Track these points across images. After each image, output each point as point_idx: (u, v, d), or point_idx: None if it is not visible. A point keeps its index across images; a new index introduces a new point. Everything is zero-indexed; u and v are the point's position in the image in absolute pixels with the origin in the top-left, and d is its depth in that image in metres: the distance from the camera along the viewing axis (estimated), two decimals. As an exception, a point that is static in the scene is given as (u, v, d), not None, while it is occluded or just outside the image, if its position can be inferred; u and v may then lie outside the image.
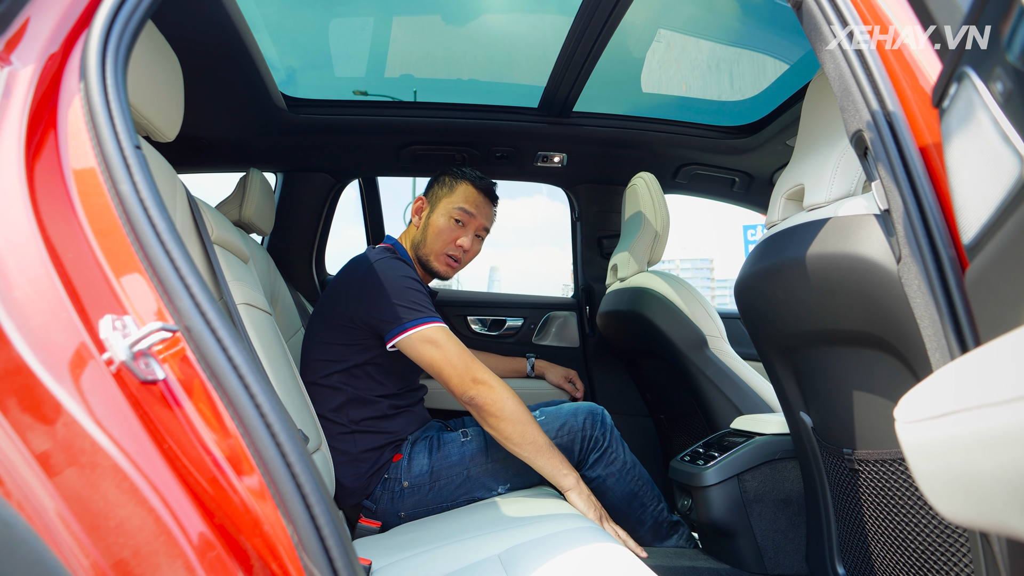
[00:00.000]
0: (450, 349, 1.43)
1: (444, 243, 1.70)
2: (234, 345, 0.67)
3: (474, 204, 1.73)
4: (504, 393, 1.41)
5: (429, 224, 1.71)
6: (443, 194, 1.73)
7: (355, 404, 1.53)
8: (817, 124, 1.14)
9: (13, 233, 0.68)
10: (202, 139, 2.08)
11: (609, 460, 1.57)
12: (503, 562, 1.03)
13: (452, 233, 1.70)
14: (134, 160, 0.73)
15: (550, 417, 1.57)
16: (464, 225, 1.72)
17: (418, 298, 1.48)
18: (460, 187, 1.73)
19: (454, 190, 1.73)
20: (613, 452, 1.58)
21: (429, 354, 1.43)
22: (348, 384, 1.54)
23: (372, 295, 1.49)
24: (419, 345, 1.44)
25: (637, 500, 1.57)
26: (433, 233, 1.70)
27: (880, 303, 0.87)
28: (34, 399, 0.61)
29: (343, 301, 1.54)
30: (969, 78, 0.56)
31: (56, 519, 0.57)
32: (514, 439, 1.39)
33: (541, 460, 1.40)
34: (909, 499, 0.99)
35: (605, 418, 1.61)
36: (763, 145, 2.32)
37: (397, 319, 1.45)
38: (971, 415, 0.41)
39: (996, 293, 0.58)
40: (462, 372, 1.41)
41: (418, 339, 1.44)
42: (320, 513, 0.63)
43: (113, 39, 0.78)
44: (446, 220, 1.70)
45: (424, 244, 1.71)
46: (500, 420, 1.39)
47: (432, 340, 1.43)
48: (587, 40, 1.74)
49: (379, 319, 1.47)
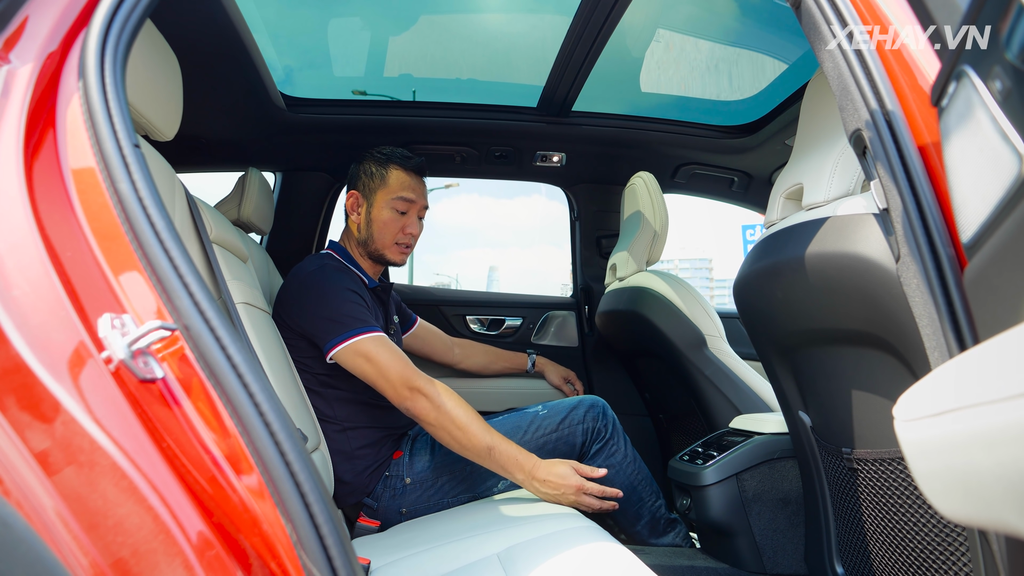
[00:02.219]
0: (383, 360, 1.38)
1: (393, 234, 1.66)
2: (233, 344, 0.67)
3: (411, 189, 1.67)
4: (439, 399, 1.36)
5: (372, 220, 1.66)
6: (376, 186, 1.67)
7: (339, 403, 1.52)
8: (816, 123, 1.14)
9: (12, 232, 0.68)
10: (201, 138, 2.08)
11: (610, 452, 1.57)
12: (502, 561, 1.03)
13: (398, 223, 1.66)
14: (133, 159, 0.73)
15: (552, 410, 1.57)
16: (407, 212, 1.67)
17: (351, 309, 1.44)
18: (392, 174, 1.66)
19: (386, 180, 1.66)
20: (615, 444, 1.58)
21: (362, 367, 1.39)
22: (324, 387, 1.52)
23: (306, 309, 1.46)
24: (351, 358, 1.40)
25: (636, 494, 1.57)
26: (379, 228, 1.65)
27: (879, 302, 0.88)
28: (33, 398, 0.61)
29: (285, 313, 1.51)
30: (968, 77, 0.56)
31: (55, 518, 0.57)
32: (453, 446, 1.36)
33: (488, 463, 1.36)
34: (908, 498, 0.99)
35: (607, 410, 1.61)
36: (762, 145, 2.32)
37: (328, 333, 1.41)
38: (970, 413, 0.41)
39: (995, 291, 0.58)
40: (396, 383, 1.37)
41: (349, 352, 1.40)
42: (319, 512, 0.63)
43: (112, 38, 0.78)
44: (389, 212, 1.65)
45: (373, 240, 1.66)
46: (437, 428, 1.35)
47: (362, 352, 1.39)
48: (586, 40, 1.74)
49: (314, 333, 1.45)
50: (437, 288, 2.73)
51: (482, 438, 1.36)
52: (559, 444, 1.55)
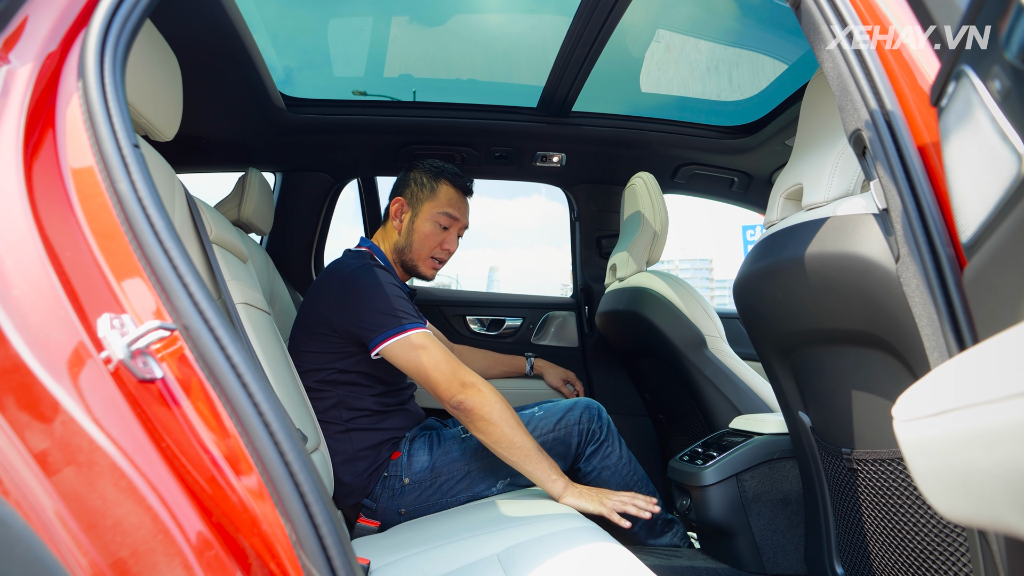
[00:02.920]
0: (436, 354, 1.41)
1: (431, 248, 1.70)
2: (232, 344, 0.67)
3: (457, 207, 1.72)
4: (492, 396, 1.39)
5: (414, 229, 1.69)
6: (424, 196, 1.70)
7: (344, 406, 1.53)
8: (816, 124, 1.14)
9: (11, 232, 0.68)
10: (201, 138, 2.08)
11: (605, 454, 1.57)
12: (502, 562, 1.03)
13: (438, 237, 1.70)
14: (132, 159, 0.73)
15: (548, 412, 1.58)
16: (449, 228, 1.72)
17: (401, 304, 1.46)
18: (441, 189, 1.71)
19: (436, 193, 1.70)
20: (609, 446, 1.58)
21: (415, 360, 1.41)
22: (334, 389, 1.53)
23: (353, 303, 1.47)
24: (404, 352, 1.42)
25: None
26: (419, 239, 1.69)
27: (879, 302, 0.88)
28: (32, 398, 0.61)
29: (322, 309, 1.52)
30: (967, 76, 0.56)
31: (54, 518, 0.57)
32: (502, 443, 1.37)
33: (529, 466, 1.38)
34: (908, 498, 0.99)
35: (602, 412, 1.61)
36: (762, 145, 2.32)
37: (380, 327, 1.43)
38: (969, 412, 0.41)
39: (994, 291, 0.58)
40: (449, 376, 1.39)
41: (402, 346, 1.42)
42: (318, 512, 0.63)
43: (111, 38, 0.78)
44: (432, 226, 1.68)
45: (410, 249, 1.70)
46: (488, 423, 1.37)
47: (417, 346, 1.41)
48: (586, 40, 1.74)
49: (361, 327, 1.45)
50: (437, 288, 2.72)
51: (529, 439, 1.40)
52: (555, 445, 1.55)
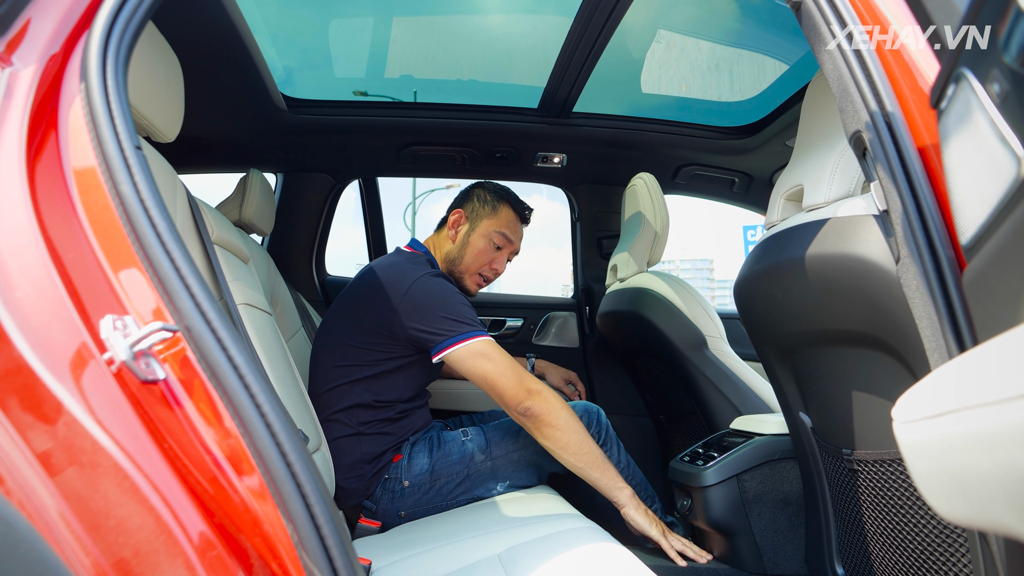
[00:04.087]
0: (502, 361, 1.43)
1: (480, 265, 1.72)
2: (234, 345, 0.67)
3: (514, 231, 1.75)
4: (559, 403, 1.40)
5: (468, 243, 1.72)
6: (485, 214, 1.74)
7: (365, 408, 1.53)
8: (816, 125, 1.14)
9: (14, 233, 0.68)
10: (202, 139, 2.08)
11: None
12: (503, 562, 1.03)
13: (490, 255, 1.73)
14: (135, 160, 0.73)
15: None
16: (501, 249, 1.74)
17: (467, 313, 1.49)
18: (503, 210, 1.74)
19: (497, 212, 1.74)
20: (608, 450, 1.58)
21: (481, 367, 1.42)
22: (365, 387, 1.53)
23: (419, 308, 1.48)
24: (469, 359, 1.43)
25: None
26: (472, 253, 1.71)
27: (879, 303, 0.88)
28: (35, 398, 0.61)
29: (382, 309, 1.52)
30: (966, 79, 0.57)
31: (57, 518, 0.57)
32: (570, 448, 1.38)
33: (596, 472, 1.38)
34: (908, 499, 0.99)
35: (601, 416, 1.62)
36: (762, 146, 2.32)
37: (446, 332, 1.45)
38: (969, 414, 0.41)
39: (993, 293, 0.59)
40: (516, 384, 1.40)
41: (468, 353, 1.43)
42: (320, 513, 0.63)
43: (114, 40, 0.78)
44: (486, 243, 1.71)
45: (461, 262, 1.72)
46: (556, 430, 1.38)
47: (483, 353, 1.43)
48: (587, 41, 1.74)
49: (426, 332, 1.47)
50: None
51: (596, 446, 1.41)
52: None
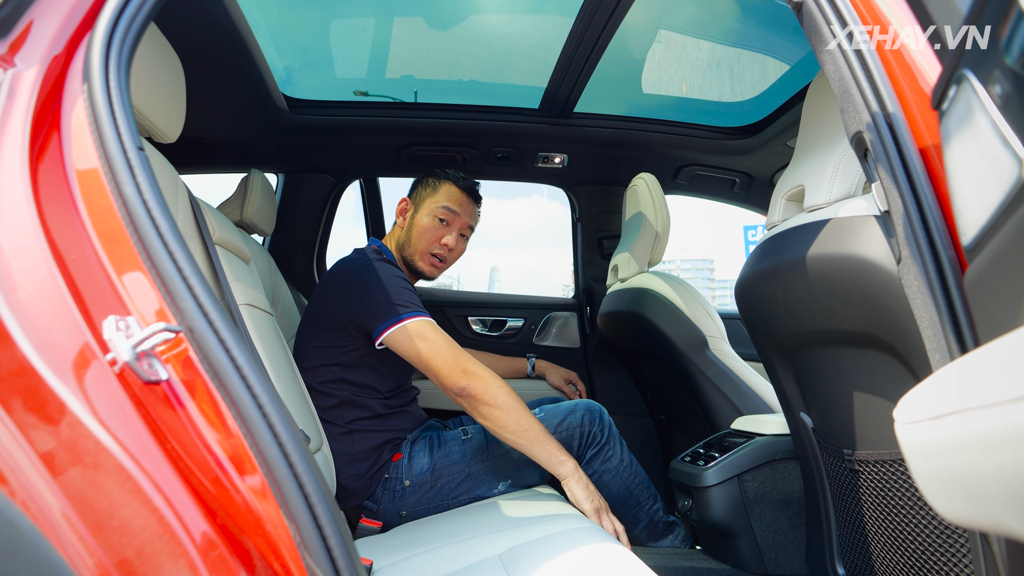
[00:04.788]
0: (438, 341, 1.42)
1: (429, 242, 1.71)
2: (236, 345, 0.67)
3: (458, 203, 1.74)
4: (495, 381, 1.40)
5: (413, 224, 1.73)
6: (427, 194, 1.75)
7: (348, 406, 1.53)
8: (817, 125, 1.14)
9: (17, 235, 0.69)
10: (204, 140, 2.08)
11: (606, 457, 1.57)
12: (504, 562, 1.03)
13: (437, 232, 1.72)
14: (137, 161, 0.74)
15: (549, 414, 1.58)
16: (448, 224, 1.73)
17: (405, 295, 1.48)
18: (443, 187, 1.75)
19: (437, 190, 1.74)
20: (610, 449, 1.58)
21: (417, 348, 1.42)
22: (339, 388, 1.54)
23: (360, 294, 1.49)
24: (407, 339, 1.43)
25: (632, 498, 1.57)
26: (418, 232, 1.71)
27: (880, 304, 0.88)
28: (38, 399, 0.61)
29: (330, 302, 1.55)
30: (968, 81, 0.57)
31: (60, 518, 0.58)
32: (509, 427, 1.37)
33: (537, 448, 1.38)
34: (909, 500, 0.99)
35: (603, 415, 1.61)
36: (764, 146, 2.32)
37: (384, 315, 1.45)
38: (970, 416, 0.41)
39: (995, 294, 0.59)
40: (452, 363, 1.40)
41: (405, 333, 1.43)
42: (322, 513, 0.63)
43: (116, 41, 0.79)
44: (430, 219, 1.71)
45: (409, 244, 1.73)
46: (493, 408, 1.37)
47: (420, 334, 1.43)
48: (588, 41, 1.74)
49: (367, 317, 1.47)
50: (439, 289, 2.72)
51: (536, 421, 1.40)
52: None
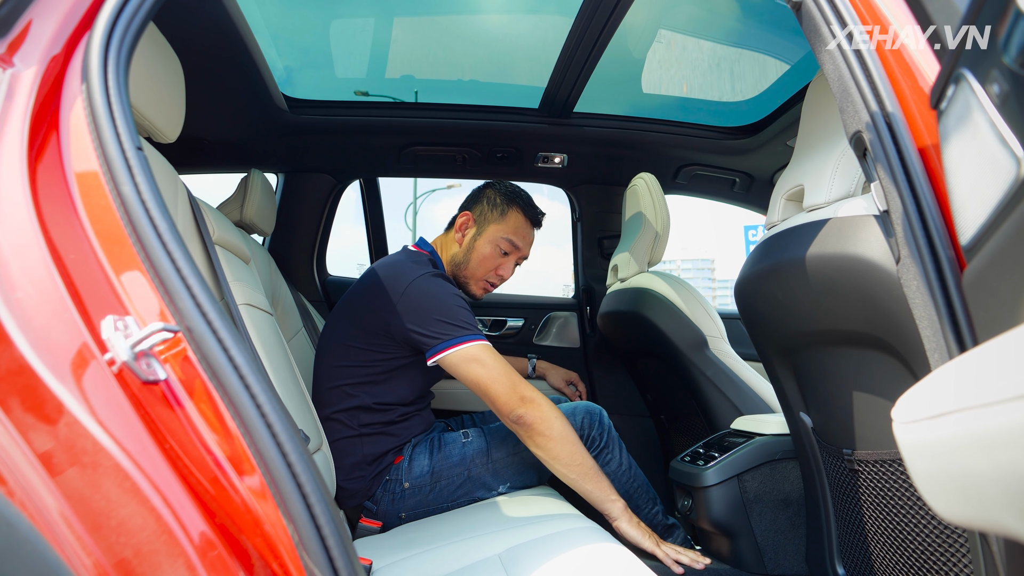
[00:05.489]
0: (495, 367, 1.39)
1: (486, 271, 1.68)
2: (235, 345, 0.67)
3: (523, 236, 1.70)
4: (552, 412, 1.37)
5: (474, 248, 1.68)
6: (493, 218, 1.69)
7: (365, 411, 1.52)
8: (817, 125, 1.14)
9: (16, 234, 0.69)
10: (203, 140, 2.08)
11: (605, 460, 1.56)
12: (503, 562, 1.03)
13: (496, 262, 1.68)
14: (136, 161, 0.74)
15: None
16: (508, 255, 1.70)
17: (464, 316, 1.45)
18: (512, 214, 1.69)
19: (505, 216, 1.69)
20: (610, 453, 1.57)
21: (475, 372, 1.40)
22: (365, 391, 1.52)
23: (417, 309, 1.46)
24: (463, 363, 1.41)
25: (632, 502, 1.56)
26: (478, 259, 1.67)
27: (879, 304, 0.88)
28: (36, 399, 0.61)
29: (380, 309, 1.50)
30: (966, 80, 0.57)
31: (58, 518, 0.58)
32: (562, 459, 1.35)
33: (589, 484, 1.35)
34: (909, 500, 0.99)
35: (603, 418, 1.60)
36: (763, 146, 2.32)
37: (441, 336, 1.42)
38: (968, 415, 0.41)
39: (993, 294, 0.59)
40: (509, 391, 1.37)
41: (462, 357, 1.41)
42: (321, 513, 0.63)
43: (115, 41, 0.79)
44: (493, 248, 1.67)
45: (466, 267, 1.68)
46: (549, 440, 1.35)
47: (477, 358, 1.40)
48: (587, 41, 1.74)
49: (422, 334, 1.44)
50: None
51: (589, 456, 1.37)
52: None
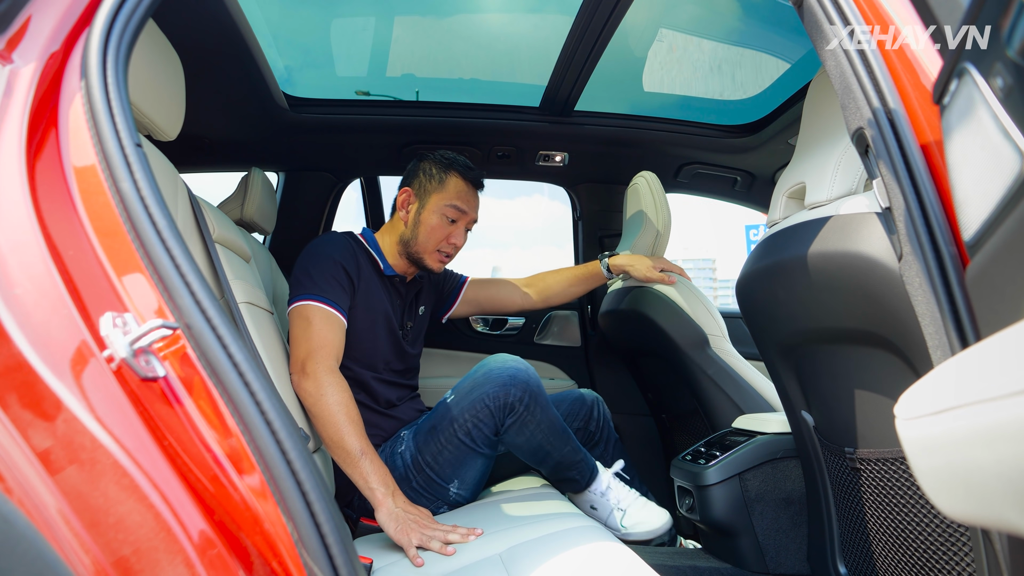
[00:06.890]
0: (306, 332, 1.37)
1: (437, 241, 1.64)
2: (235, 343, 0.67)
3: (466, 200, 1.67)
4: (325, 392, 1.30)
5: (420, 222, 1.64)
6: (432, 188, 1.65)
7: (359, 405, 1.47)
8: (818, 123, 1.14)
9: (14, 231, 0.69)
10: (204, 138, 2.08)
11: (520, 429, 1.43)
12: (504, 561, 1.03)
13: (445, 231, 1.64)
14: (135, 158, 0.73)
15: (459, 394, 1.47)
16: (456, 222, 1.66)
17: (320, 276, 1.44)
18: (451, 180, 1.66)
19: (445, 184, 1.65)
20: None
21: (295, 329, 1.39)
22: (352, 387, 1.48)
23: (296, 265, 1.50)
24: (293, 318, 1.41)
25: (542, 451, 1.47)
26: (426, 231, 1.63)
27: (882, 301, 0.87)
28: (35, 396, 0.61)
29: None
30: (969, 74, 0.56)
31: (57, 516, 0.57)
32: (325, 439, 1.30)
33: (349, 469, 1.27)
34: (911, 498, 0.98)
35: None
36: (765, 144, 2.31)
37: (296, 289, 1.44)
38: (970, 410, 0.41)
39: (997, 290, 0.58)
40: (300, 355, 1.34)
41: (297, 312, 1.41)
42: (320, 511, 0.63)
43: (114, 38, 0.78)
44: (439, 218, 1.63)
45: (416, 241, 1.64)
46: (315, 418, 1.30)
47: (304, 316, 1.39)
48: (588, 39, 1.73)
49: (291, 287, 1.48)
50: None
51: (355, 441, 1.28)
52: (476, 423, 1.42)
